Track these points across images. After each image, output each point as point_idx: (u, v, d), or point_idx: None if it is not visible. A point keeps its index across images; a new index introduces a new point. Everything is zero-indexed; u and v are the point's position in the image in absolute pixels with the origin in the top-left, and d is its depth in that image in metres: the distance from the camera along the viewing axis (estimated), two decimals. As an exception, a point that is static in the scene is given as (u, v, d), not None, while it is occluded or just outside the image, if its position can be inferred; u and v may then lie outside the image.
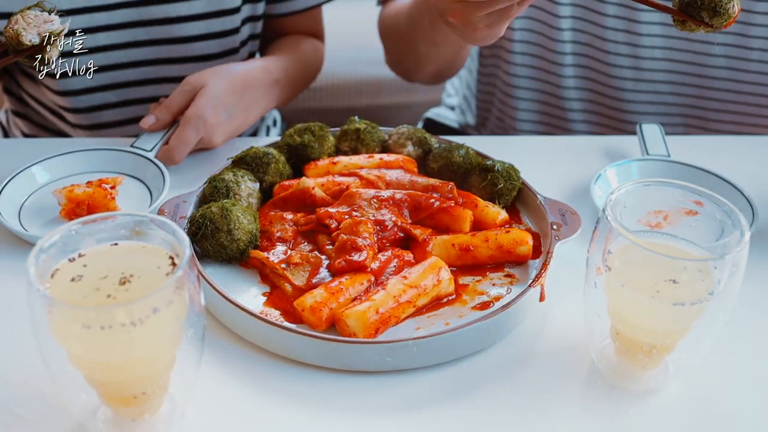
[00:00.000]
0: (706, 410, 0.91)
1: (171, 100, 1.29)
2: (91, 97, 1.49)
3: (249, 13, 1.51)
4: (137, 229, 0.80)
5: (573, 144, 1.43)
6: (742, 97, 1.56)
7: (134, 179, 1.24)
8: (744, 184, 1.21)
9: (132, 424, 0.84)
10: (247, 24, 1.52)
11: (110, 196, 1.15)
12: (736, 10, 0.99)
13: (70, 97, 1.47)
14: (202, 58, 1.48)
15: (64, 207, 1.14)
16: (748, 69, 1.52)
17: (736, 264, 0.83)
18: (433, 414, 0.89)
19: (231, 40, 1.49)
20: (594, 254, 0.88)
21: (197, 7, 1.43)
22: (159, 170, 1.21)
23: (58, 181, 1.22)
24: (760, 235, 1.16)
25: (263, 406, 0.90)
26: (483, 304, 1.01)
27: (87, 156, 1.26)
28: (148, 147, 1.26)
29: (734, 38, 1.49)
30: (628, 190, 0.90)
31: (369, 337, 0.94)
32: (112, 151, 1.26)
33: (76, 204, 1.14)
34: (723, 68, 1.53)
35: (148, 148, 1.26)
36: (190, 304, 0.78)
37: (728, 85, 1.55)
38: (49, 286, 0.76)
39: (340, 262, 1.01)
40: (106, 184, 1.16)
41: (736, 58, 1.51)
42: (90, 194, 1.14)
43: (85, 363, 0.77)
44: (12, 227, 1.10)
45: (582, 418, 0.90)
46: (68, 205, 1.14)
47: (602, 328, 0.92)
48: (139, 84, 1.51)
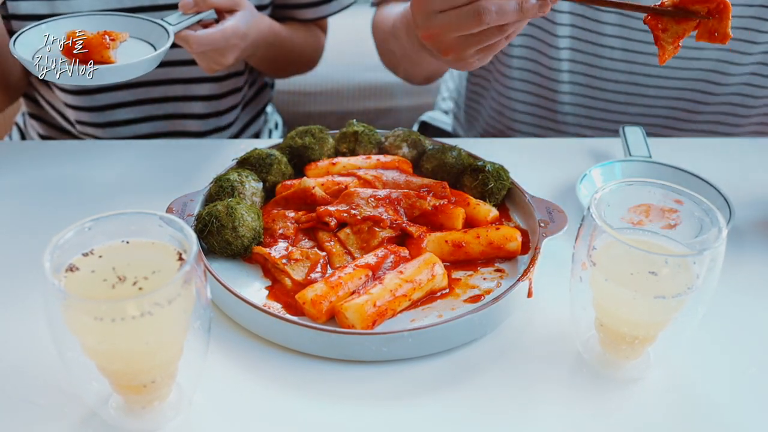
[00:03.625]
0: (685, 397, 0.91)
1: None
2: (106, 96, 1.49)
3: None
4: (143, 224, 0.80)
5: (559, 145, 1.43)
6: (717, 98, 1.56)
7: (145, 42, 1.21)
8: (721, 183, 1.21)
9: (142, 411, 0.84)
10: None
11: (106, 45, 1.13)
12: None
13: (85, 96, 1.47)
14: None
15: (64, 45, 1.11)
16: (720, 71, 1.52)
17: (714, 259, 0.83)
18: (428, 401, 0.89)
19: None
20: (579, 250, 0.88)
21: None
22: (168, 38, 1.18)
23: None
24: (736, 232, 1.16)
25: (266, 393, 0.90)
26: (474, 297, 1.01)
27: (107, 19, 1.23)
28: (173, 23, 1.23)
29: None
30: (612, 189, 0.91)
31: (366, 329, 0.94)
32: (134, 19, 1.24)
33: (73, 44, 1.11)
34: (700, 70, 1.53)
35: (174, 23, 1.23)
36: (197, 297, 0.78)
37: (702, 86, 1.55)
38: (64, 280, 0.76)
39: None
40: (108, 36, 1.14)
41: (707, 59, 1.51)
42: (88, 38, 1.12)
43: (97, 353, 0.77)
44: (24, 57, 1.08)
45: (568, 404, 0.90)
46: (66, 42, 1.11)
47: (587, 320, 0.92)
48: (151, 84, 1.51)
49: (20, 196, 1.20)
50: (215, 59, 1.29)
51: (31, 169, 1.22)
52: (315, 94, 2.17)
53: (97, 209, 0.81)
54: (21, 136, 1.72)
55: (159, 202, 1.12)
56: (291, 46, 1.57)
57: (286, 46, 1.55)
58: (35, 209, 1.17)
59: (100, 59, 1.12)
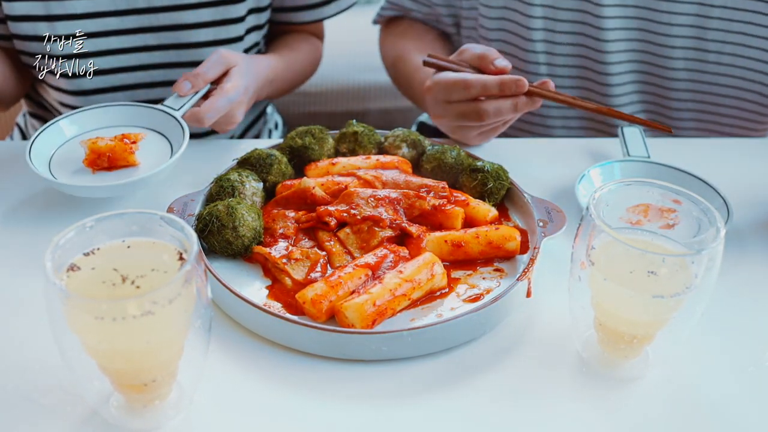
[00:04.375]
0: (684, 396, 0.91)
1: (206, 71, 1.28)
2: (104, 97, 1.49)
3: (254, 23, 1.52)
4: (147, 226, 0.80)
5: (558, 146, 1.43)
6: (702, 96, 1.55)
7: (158, 134, 1.24)
8: (720, 184, 1.21)
9: (143, 409, 0.84)
10: (252, 33, 1.52)
11: (130, 149, 1.16)
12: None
13: (82, 97, 1.47)
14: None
15: (87, 157, 1.15)
16: (706, 70, 1.52)
17: (712, 259, 0.84)
18: (427, 400, 0.89)
19: (235, 47, 1.49)
20: (578, 250, 0.88)
21: (204, 16, 1.43)
22: (181, 128, 1.22)
23: (87, 133, 1.23)
24: (734, 232, 1.16)
25: (266, 392, 0.90)
26: (474, 296, 1.01)
27: (115, 110, 1.27)
28: (176, 107, 1.26)
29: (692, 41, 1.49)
30: (611, 189, 0.91)
31: (366, 328, 0.94)
32: (140, 108, 1.27)
33: (97, 155, 1.15)
34: (682, 69, 1.52)
35: (176, 107, 1.26)
36: (197, 296, 0.78)
37: (688, 85, 1.54)
38: (65, 279, 0.76)
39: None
40: (128, 139, 1.17)
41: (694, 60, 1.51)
42: (111, 147, 1.15)
43: (98, 352, 0.77)
44: (42, 174, 1.12)
45: (567, 403, 0.90)
46: (90, 155, 1.15)
47: (586, 319, 0.93)
48: (148, 86, 1.51)
49: (21, 196, 1.20)
50: (227, 122, 1.32)
51: (32, 170, 1.22)
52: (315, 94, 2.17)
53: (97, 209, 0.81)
54: (22, 136, 1.72)
55: (160, 202, 1.12)
56: (292, 75, 1.59)
57: (288, 76, 1.57)
58: (36, 209, 1.17)
59: (125, 164, 1.16)
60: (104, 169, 1.16)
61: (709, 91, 1.55)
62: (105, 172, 1.16)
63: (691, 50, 1.49)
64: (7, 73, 1.45)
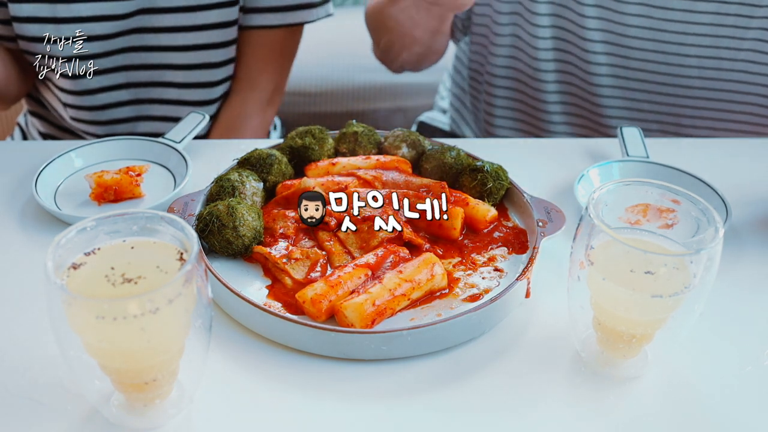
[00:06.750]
0: (682, 395, 0.91)
1: None
2: (104, 96, 1.49)
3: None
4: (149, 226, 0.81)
5: (557, 146, 1.43)
6: (715, 104, 1.56)
7: (160, 166, 1.26)
8: (718, 183, 1.21)
9: (143, 408, 0.84)
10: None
11: (135, 182, 1.18)
12: None
13: (83, 96, 1.48)
14: (203, 66, 1.50)
15: (93, 191, 1.17)
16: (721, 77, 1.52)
17: (710, 259, 0.84)
18: (426, 399, 0.89)
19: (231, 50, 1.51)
20: (577, 249, 0.88)
21: (201, 18, 1.44)
22: (183, 159, 1.24)
23: (91, 166, 1.25)
24: (733, 232, 1.17)
25: (266, 392, 0.90)
26: (473, 296, 1.01)
27: (118, 144, 1.29)
28: (177, 138, 1.28)
29: (708, 51, 1.49)
30: (610, 189, 0.91)
31: (366, 328, 0.94)
32: (142, 141, 1.29)
33: (104, 189, 1.16)
34: (696, 78, 1.53)
35: (177, 139, 1.28)
36: (198, 296, 0.78)
37: (702, 93, 1.55)
38: (66, 279, 0.76)
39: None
40: (132, 172, 1.19)
41: (709, 69, 1.51)
42: (117, 180, 1.17)
43: (99, 352, 0.77)
44: (47, 206, 1.12)
45: (566, 403, 0.90)
46: (97, 189, 1.17)
47: (585, 318, 0.93)
48: (149, 86, 1.51)
49: (21, 196, 1.20)
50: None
51: (33, 169, 1.22)
52: (315, 94, 2.17)
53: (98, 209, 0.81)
54: (23, 136, 1.72)
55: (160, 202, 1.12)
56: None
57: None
58: (37, 209, 1.17)
59: (131, 196, 1.18)
60: (110, 201, 1.18)
61: (722, 98, 1.56)
62: (111, 204, 1.18)
63: (707, 59, 1.51)
64: (11, 73, 1.45)
